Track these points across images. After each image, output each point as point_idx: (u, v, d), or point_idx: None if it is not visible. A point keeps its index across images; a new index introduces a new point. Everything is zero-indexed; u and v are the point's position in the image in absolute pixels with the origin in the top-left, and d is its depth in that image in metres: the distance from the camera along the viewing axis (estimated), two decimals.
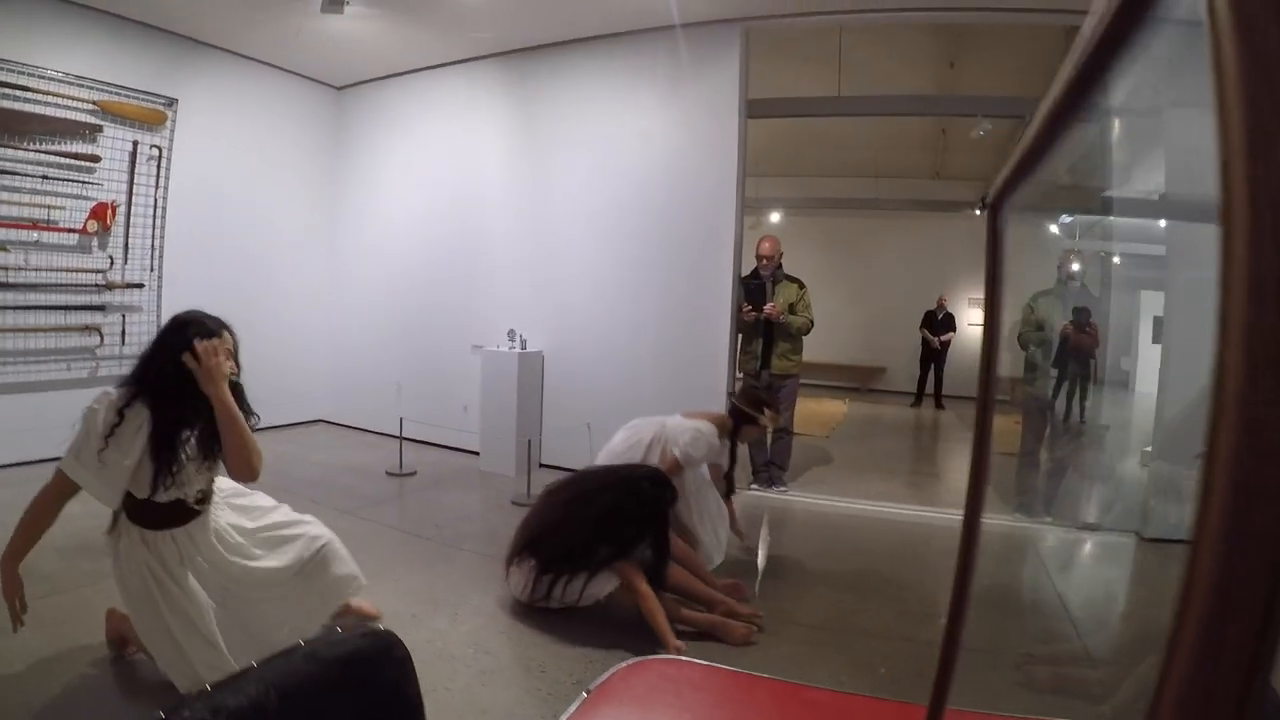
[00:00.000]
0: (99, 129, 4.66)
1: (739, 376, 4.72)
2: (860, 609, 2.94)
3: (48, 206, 4.46)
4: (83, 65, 4.55)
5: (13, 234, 4.33)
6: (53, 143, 4.46)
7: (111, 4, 4.58)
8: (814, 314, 4.60)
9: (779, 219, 9.79)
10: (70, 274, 4.60)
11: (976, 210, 9.53)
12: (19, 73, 4.27)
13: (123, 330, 4.87)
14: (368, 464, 5.02)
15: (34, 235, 4.41)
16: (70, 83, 4.50)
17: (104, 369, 4.75)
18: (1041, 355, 4.71)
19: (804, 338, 4.60)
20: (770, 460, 4.65)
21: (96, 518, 2.12)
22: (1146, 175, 4.41)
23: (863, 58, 5.78)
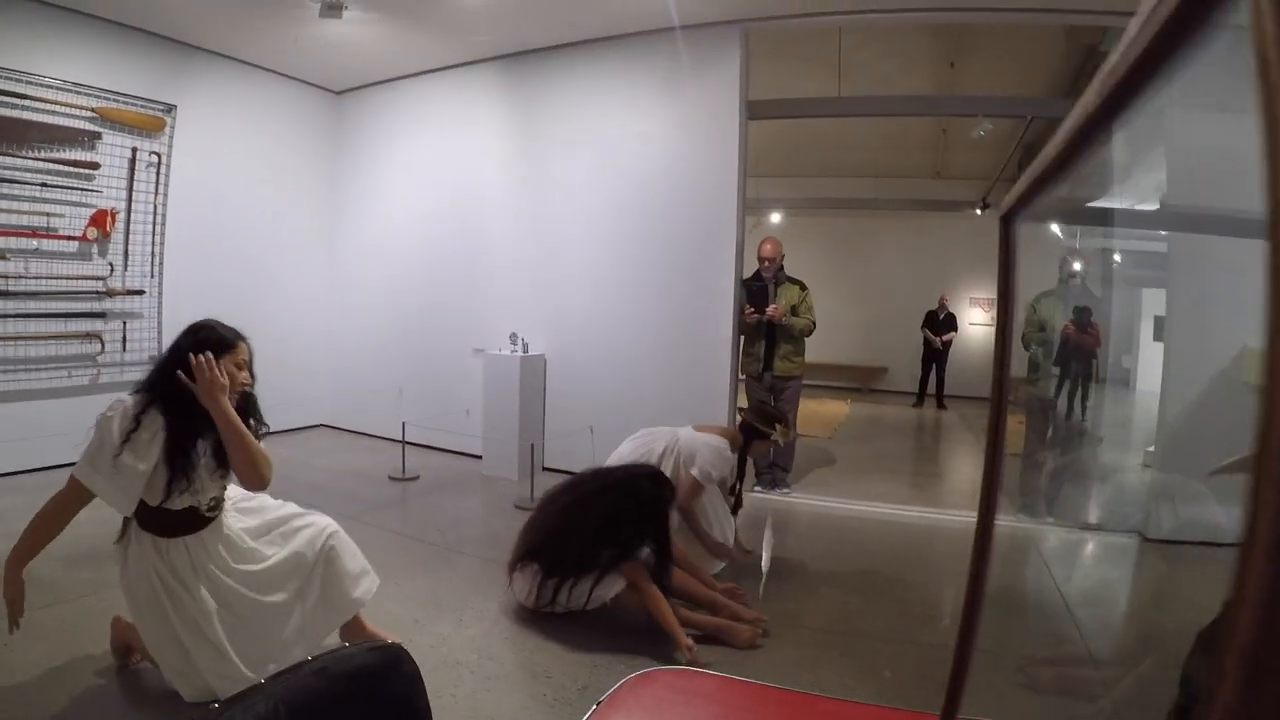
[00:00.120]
0: (98, 136, 4.66)
1: (741, 378, 4.71)
2: (864, 611, 2.94)
3: (47, 214, 4.45)
4: (81, 72, 4.54)
5: (13, 242, 4.32)
6: (52, 150, 4.45)
7: (109, 10, 4.58)
8: (815, 315, 4.60)
9: (779, 219, 9.79)
10: (70, 281, 4.59)
11: (977, 210, 9.52)
12: (18, 80, 4.27)
13: (123, 337, 4.86)
14: (369, 468, 5.01)
15: (34, 243, 4.40)
16: (69, 90, 4.49)
17: (105, 376, 4.73)
18: (1043, 355, 4.72)
19: (806, 339, 4.60)
20: (774, 462, 4.64)
21: (100, 525, 2.11)
22: (1147, 175, 4.41)
23: (863, 58, 5.79)
